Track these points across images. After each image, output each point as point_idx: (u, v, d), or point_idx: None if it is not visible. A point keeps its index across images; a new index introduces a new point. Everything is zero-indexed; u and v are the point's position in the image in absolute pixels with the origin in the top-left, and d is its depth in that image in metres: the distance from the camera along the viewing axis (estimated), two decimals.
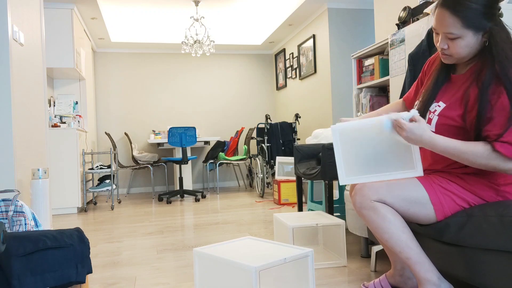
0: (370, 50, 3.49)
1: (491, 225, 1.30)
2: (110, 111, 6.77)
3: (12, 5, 2.52)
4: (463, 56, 1.44)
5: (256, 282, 1.41)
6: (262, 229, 3.30)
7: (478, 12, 1.35)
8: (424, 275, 1.46)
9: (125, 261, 2.52)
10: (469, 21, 1.35)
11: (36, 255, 1.49)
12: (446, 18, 1.38)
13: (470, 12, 1.35)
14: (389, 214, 1.46)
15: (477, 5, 1.35)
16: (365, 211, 1.49)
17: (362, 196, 1.49)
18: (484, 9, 1.35)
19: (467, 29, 1.36)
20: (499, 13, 1.38)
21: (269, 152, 5.62)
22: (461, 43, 1.39)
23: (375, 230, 1.50)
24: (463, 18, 1.35)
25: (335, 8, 5.13)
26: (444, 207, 1.46)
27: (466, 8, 1.35)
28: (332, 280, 2.00)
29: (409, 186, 1.48)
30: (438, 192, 1.46)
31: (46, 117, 3.25)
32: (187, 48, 5.35)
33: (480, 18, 1.35)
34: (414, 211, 1.48)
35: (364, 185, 1.51)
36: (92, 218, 4.18)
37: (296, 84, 6.30)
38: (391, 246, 1.48)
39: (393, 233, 1.46)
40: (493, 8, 1.36)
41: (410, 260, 1.47)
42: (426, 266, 1.46)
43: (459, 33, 1.38)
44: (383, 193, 1.47)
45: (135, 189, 6.83)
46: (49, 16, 4.68)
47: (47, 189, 2.47)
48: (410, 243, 1.46)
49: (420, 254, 1.47)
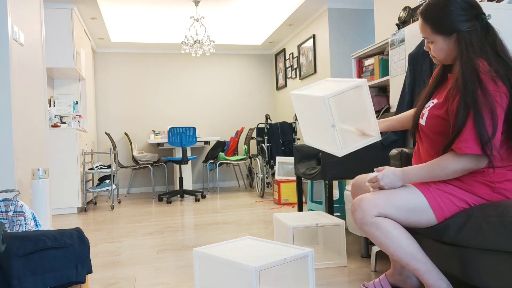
0: (370, 50, 3.49)
1: (491, 225, 1.30)
2: (110, 111, 6.77)
3: (12, 5, 2.52)
4: (442, 59, 1.54)
5: (256, 282, 1.41)
6: (262, 229, 3.30)
7: (446, 19, 1.44)
8: (433, 283, 1.47)
9: (125, 261, 2.52)
10: (437, 27, 1.47)
11: (36, 255, 1.49)
12: (421, 25, 1.53)
13: (438, 19, 1.46)
14: (391, 228, 1.47)
15: (445, 12, 1.44)
16: (367, 228, 1.49)
17: (362, 212, 1.48)
18: (453, 15, 1.43)
19: (437, 34, 1.48)
20: (481, 17, 1.44)
21: (269, 152, 5.62)
22: (435, 47, 1.52)
23: (380, 246, 1.50)
24: (432, 24, 1.48)
25: (335, 8, 5.13)
26: (443, 210, 1.46)
27: (434, 15, 1.47)
28: (332, 280, 2.00)
29: (407, 195, 1.48)
30: (436, 196, 1.46)
31: (46, 117, 3.25)
32: (187, 48, 5.35)
33: (448, 24, 1.44)
34: (415, 219, 1.49)
35: (362, 200, 1.50)
36: (92, 218, 4.18)
37: (296, 84, 6.30)
38: (398, 259, 1.49)
39: (397, 248, 1.47)
40: (465, 14, 1.43)
41: (418, 271, 1.48)
42: (435, 275, 1.47)
43: (431, 38, 1.51)
44: (383, 206, 1.47)
45: (135, 189, 6.83)
46: (49, 16, 4.68)
47: (47, 189, 2.47)
48: (416, 254, 1.47)
49: (428, 264, 1.48)
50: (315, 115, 1.62)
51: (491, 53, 1.41)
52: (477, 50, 1.42)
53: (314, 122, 1.65)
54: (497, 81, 1.36)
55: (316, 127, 1.65)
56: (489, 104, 1.33)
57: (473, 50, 1.41)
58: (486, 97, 1.34)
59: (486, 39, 1.43)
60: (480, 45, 1.42)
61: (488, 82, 1.35)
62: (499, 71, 1.37)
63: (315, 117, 1.63)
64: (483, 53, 1.41)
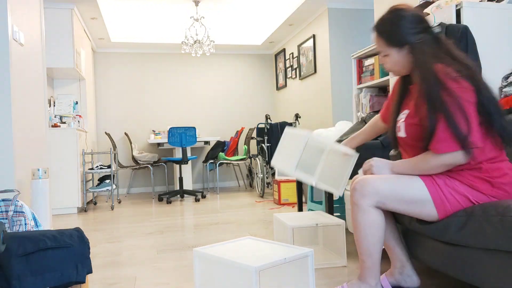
0: (370, 50, 3.49)
1: (492, 225, 1.30)
2: (110, 111, 6.77)
3: (12, 5, 2.52)
4: (398, 71, 1.64)
5: (256, 282, 1.41)
6: (262, 229, 3.30)
7: (398, 32, 1.55)
8: (367, 277, 1.62)
9: (125, 261, 2.52)
10: (390, 40, 1.57)
11: (36, 255, 1.49)
12: (375, 39, 1.63)
13: (390, 32, 1.57)
14: (375, 225, 1.57)
15: (396, 26, 1.55)
16: (356, 209, 1.59)
17: (362, 195, 1.55)
18: (403, 28, 1.54)
19: (390, 47, 1.58)
20: (430, 30, 1.55)
21: (269, 152, 5.62)
22: (390, 60, 1.61)
23: (354, 228, 1.63)
24: (386, 37, 1.58)
25: (335, 8, 5.13)
26: (445, 205, 1.48)
27: (387, 29, 1.58)
28: (332, 280, 2.00)
29: (411, 185, 1.51)
30: (440, 190, 1.49)
31: (46, 117, 3.25)
32: (187, 48, 5.35)
33: (400, 37, 1.55)
34: (415, 211, 1.53)
35: (367, 183, 1.55)
36: (92, 218, 4.18)
37: (296, 84, 6.30)
38: (358, 246, 1.63)
39: (365, 241, 1.59)
40: (415, 27, 1.54)
41: (364, 263, 1.62)
42: (374, 272, 1.62)
43: (385, 51, 1.61)
44: (384, 195, 1.52)
45: (135, 189, 6.83)
46: (49, 16, 4.68)
47: (47, 189, 2.47)
48: (374, 254, 1.60)
49: (376, 264, 1.61)
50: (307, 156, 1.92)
51: (446, 58, 1.50)
52: (431, 57, 1.50)
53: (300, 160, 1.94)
54: (459, 80, 1.42)
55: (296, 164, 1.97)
56: (456, 102, 1.40)
57: (427, 57, 1.50)
58: (452, 96, 1.40)
59: (440, 48, 1.53)
60: (434, 53, 1.51)
61: (449, 82, 1.42)
62: (461, 71, 1.44)
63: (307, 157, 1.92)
64: (439, 59, 1.50)
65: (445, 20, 2.42)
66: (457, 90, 1.41)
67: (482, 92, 1.44)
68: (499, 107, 1.46)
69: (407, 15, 1.55)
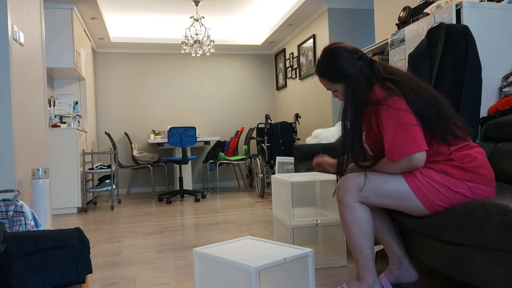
0: (370, 50, 3.49)
1: (492, 224, 1.30)
2: (110, 111, 6.77)
3: (12, 5, 2.52)
4: None
5: (256, 282, 1.41)
6: (262, 229, 3.30)
7: (338, 69, 1.68)
8: (364, 274, 1.66)
9: (125, 261, 2.52)
10: (333, 79, 1.71)
11: (36, 255, 1.49)
12: (320, 81, 1.77)
13: (331, 72, 1.70)
14: (361, 219, 1.63)
15: (334, 64, 1.68)
16: (342, 206, 1.65)
17: (345, 192, 1.63)
18: (342, 64, 1.67)
19: (335, 84, 1.72)
20: (364, 57, 1.68)
21: (269, 152, 5.62)
22: (340, 94, 1.74)
23: (342, 225, 1.68)
24: (328, 78, 1.73)
25: (335, 8, 5.13)
26: (427, 195, 1.53)
27: (327, 70, 1.72)
28: (332, 280, 2.00)
29: (391, 180, 1.58)
30: (417, 181, 1.55)
31: (46, 117, 3.25)
32: (187, 48, 5.35)
33: (341, 72, 1.68)
34: (401, 205, 1.59)
35: (349, 181, 1.63)
36: (92, 218, 4.18)
37: (296, 84, 6.30)
38: (349, 243, 1.68)
39: (354, 236, 1.64)
40: (351, 59, 1.67)
41: (357, 260, 1.66)
42: (369, 268, 1.65)
43: (332, 88, 1.74)
44: (366, 189, 1.60)
45: (135, 189, 6.83)
46: (49, 16, 4.68)
47: (47, 189, 2.47)
48: (365, 250, 1.64)
49: (369, 260, 1.65)
50: None
51: (380, 78, 1.63)
52: (368, 82, 1.64)
53: None
54: (393, 95, 1.56)
55: None
56: (393, 115, 1.52)
57: (362, 88, 1.65)
58: (388, 111, 1.54)
59: (374, 71, 1.67)
60: (369, 76, 1.65)
61: (386, 99, 1.55)
62: (392, 89, 1.57)
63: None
64: (375, 79, 1.63)
65: (445, 20, 2.42)
66: (392, 103, 1.53)
67: (412, 100, 1.55)
68: (436, 107, 1.56)
69: (341, 51, 1.69)
